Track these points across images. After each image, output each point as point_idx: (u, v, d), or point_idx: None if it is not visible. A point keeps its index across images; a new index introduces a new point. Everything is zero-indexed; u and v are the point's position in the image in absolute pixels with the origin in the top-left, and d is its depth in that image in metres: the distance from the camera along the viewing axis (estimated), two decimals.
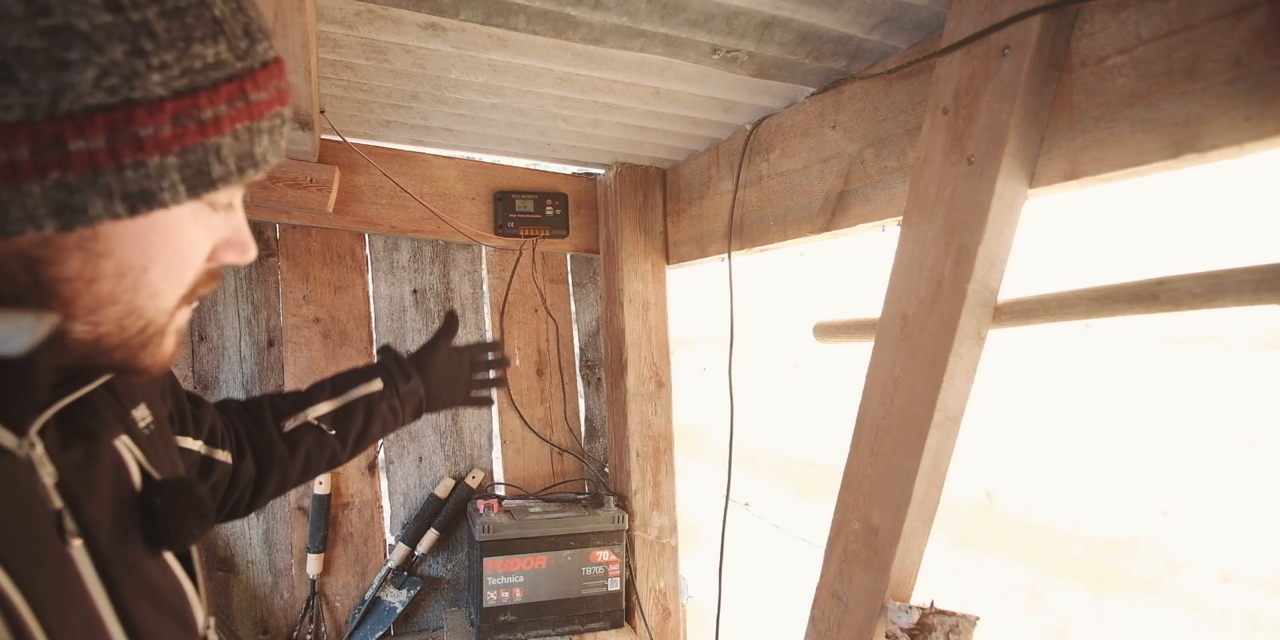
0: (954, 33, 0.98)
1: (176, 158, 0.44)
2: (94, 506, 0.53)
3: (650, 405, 1.95)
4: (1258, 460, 0.93)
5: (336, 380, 1.06)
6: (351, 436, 1.03)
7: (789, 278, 1.74)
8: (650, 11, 1.09)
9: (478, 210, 1.93)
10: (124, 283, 0.47)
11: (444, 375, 1.14)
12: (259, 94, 0.48)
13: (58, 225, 0.42)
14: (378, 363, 1.10)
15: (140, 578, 0.56)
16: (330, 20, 1.12)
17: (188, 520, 0.59)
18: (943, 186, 0.98)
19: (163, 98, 0.43)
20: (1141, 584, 1.03)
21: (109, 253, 0.46)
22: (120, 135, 0.41)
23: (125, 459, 0.60)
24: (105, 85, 0.40)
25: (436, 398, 1.13)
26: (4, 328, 0.42)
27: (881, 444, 1.05)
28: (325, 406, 1.02)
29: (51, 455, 0.51)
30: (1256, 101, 0.69)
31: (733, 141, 1.63)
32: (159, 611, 0.56)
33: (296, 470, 0.98)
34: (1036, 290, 0.93)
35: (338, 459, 1.03)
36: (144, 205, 0.44)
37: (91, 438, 0.56)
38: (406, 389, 1.08)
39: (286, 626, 1.78)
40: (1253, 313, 0.86)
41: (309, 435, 0.99)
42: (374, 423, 1.05)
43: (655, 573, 1.95)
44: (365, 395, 1.04)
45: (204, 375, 1.73)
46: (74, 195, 0.41)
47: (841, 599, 1.09)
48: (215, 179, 0.46)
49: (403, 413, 1.08)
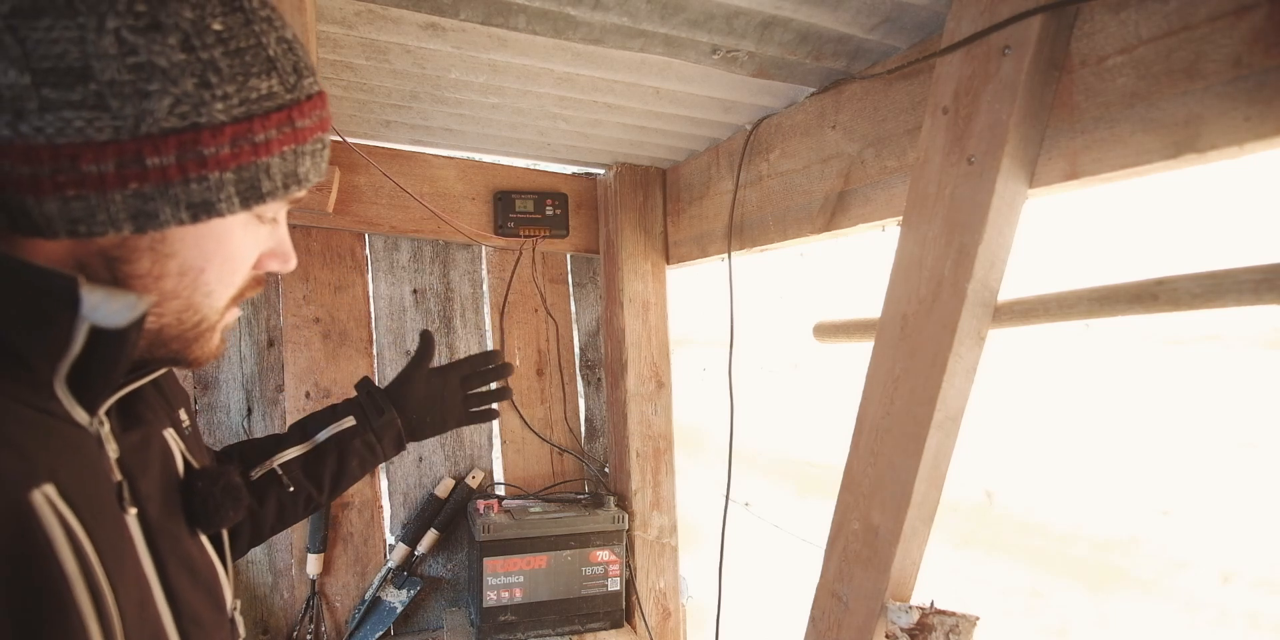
0: (954, 33, 0.98)
1: (233, 174, 0.52)
2: (146, 483, 0.60)
3: (650, 405, 1.95)
4: (1258, 460, 0.93)
5: (307, 422, 1.03)
6: (326, 478, 1.00)
7: (789, 278, 1.74)
8: (650, 11, 1.09)
9: (478, 210, 1.93)
10: (185, 281, 0.55)
11: (425, 401, 1.09)
12: (304, 121, 0.56)
13: (134, 228, 0.50)
14: (352, 399, 1.07)
15: (181, 551, 0.62)
16: (330, 20, 1.12)
17: (225, 503, 0.67)
18: (943, 186, 0.98)
19: (224, 123, 0.51)
20: (1141, 584, 1.03)
21: (174, 254, 0.54)
22: (188, 154, 0.50)
23: (172, 448, 0.68)
24: (178, 112, 0.49)
25: (420, 425, 1.09)
26: (115, 302, 0.49)
27: (881, 444, 1.05)
28: (295, 451, 0.99)
29: (114, 435, 0.58)
30: (1256, 101, 0.69)
31: (733, 141, 1.63)
32: (194, 584, 0.63)
33: (269, 519, 0.96)
34: (1036, 290, 0.93)
35: (315, 502, 1.00)
36: (205, 213, 0.52)
37: (145, 425, 0.64)
38: (380, 422, 1.04)
39: (286, 626, 1.78)
40: (1253, 313, 0.86)
41: (275, 485, 0.97)
42: (349, 461, 1.01)
43: (655, 573, 1.95)
44: (336, 434, 1.01)
45: (204, 375, 1.73)
46: (148, 203, 0.50)
47: (841, 599, 1.09)
48: (264, 193, 0.55)
49: (380, 447, 1.04)
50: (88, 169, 0.47)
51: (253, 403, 1.76)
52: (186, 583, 0.61)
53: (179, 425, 0.72)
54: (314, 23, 1.07)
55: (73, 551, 0.47)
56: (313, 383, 1.81)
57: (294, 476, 0.97)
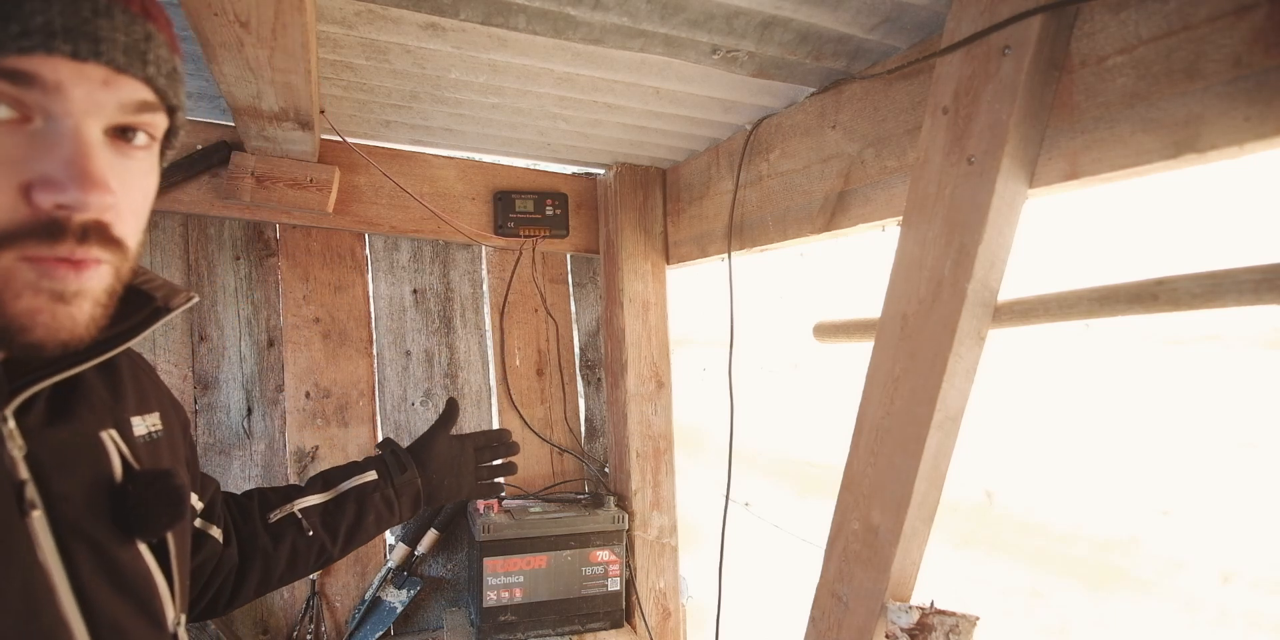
0: (954, 33, 0.98)
1: None
2: (64, 483, 0.55)
3: (650, 405, 1.95)
4: (1258, 460, 0.93)
5: (330, 473, 1.03)
6: (342, 529, 0.98)
7: (789, 278, 1.74)
8: (650, 11, 1.09)
9: (478, 210, 1.93)
10: None
11: (444, 465, 1.09)
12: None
13: None
14: (376, 455, 1.06)
15: (102, 558, 0.57)
16: (330, 20, 1.12)
17: (157, 509, 0.61)
18: (943, 186, 0.98)
19: None
20: (1141, 584, 1.03)
21: None
22: None
23: (108, 449, 0.62)
24: None
25: (438, 489, 1.08)
26: None
27: (881, 444, 1.05)
28: (315, 498, 0.98)
29: (29, 431, 0.54)
30: (1256, 101, 0.69)
31: (733, 141, 1.63)
32: (118, 595, 0.58)
33: (281, 564, 0.94)
34: (1036, 290, 0.93)
35: (328, 554, 0.98)
36: None
37: (77, 422, 0.60)
38: (402, 479, 1.03)
39: (286, 626, 1.78)
40: (1253, 313, 0.86)
41: (294, 528, 0.95)
42: (367, 515, 1.00)
43: (655, 573, 1.95)
44: (358, 486, 1.01)
45: (204, 375, 1.73)
46: None
47: (841, 599, 1.09)
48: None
49: (399, 505, 1.03)
50: None
51: (253, 403, 1.76)
52: (107, 594, 0.56)
53: (125, 428, 0.66)
54: (314, 23, 1.07)
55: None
56: (313, 383, 1.81)
57: (313, 522, 0.96)
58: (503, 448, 1.18)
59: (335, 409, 1.83)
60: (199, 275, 1.73)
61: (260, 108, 1.30)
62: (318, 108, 1.39)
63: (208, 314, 1.74)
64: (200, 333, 1.73)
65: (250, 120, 1.37)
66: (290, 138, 1.50)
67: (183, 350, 1.71)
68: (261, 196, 1.63)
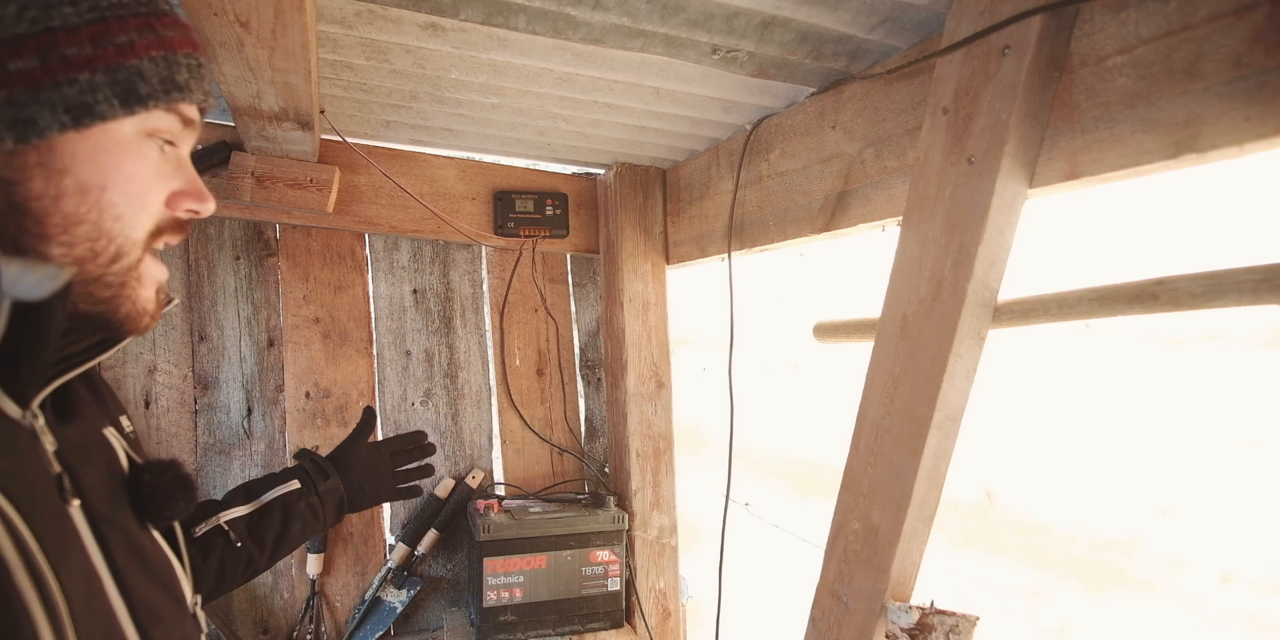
0: (954, 33, 0.98)
1: (104, 75, 0.54)
2: (88, 476, 0.59)
3: (650, 405, 1.95)
4: (1258, 460, 0.93)
5: (251, 485, 1.04)
6: (269, 539, 1.00)
7: (789, 278, 1.74)
8: (650, 11, 1.09)
9: (478, 210, 1.93)
10: (87, 201, 0.55)
11: (364, 471, 1.12)
12: (167, 32, 0.58)
13: (15, 138, 0.51)
14: (295, 466, 1.08)
15: (132, 544, 0.61)
16: (330, 20, 1.12)
17: (174, 495, 0.66)
18: (943, 186, 0.98)
19: (78, 25, 0.53)
20: (1141, 584, 1.03)
21: (66, 169, 0.54)
22: (51, 55, 0.51)
23: (113, 444, 0.67)
24: (27, 17, 0.51)
25: (360, 494, 1.11)
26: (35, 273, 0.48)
27: (881, 444, 1.05)
28: (240, 510, 0.99)
29: (50, 428, 0.57)
30: (1256, 101, 0.69)
31: (733, 141, 1.63)
32: (148, 577, 0.62)
33: (209, 577, 0.95)
34: (1036, 290, 0.93)
35: (255, 565, 0.99)
36: (85, 116, 0.53)
37: (83, 421, 0.63)
38: (325, 486, 1.05)
39: (286, 626, 1.78)
40: (1253, 313, 0.86)
41: (219, 540, 0.96)
42: (293, 524, 1.02)
43: (655, 573, 1.95)
44: (282, 496, 1.02)
45: (204, 375, 1.73)
46: (22, 110, 0.51)
47: (841, 599, 1.09)
48: (144, 96, 0.56)
49: (323, 511, 1.05)
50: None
51: (253, 403, 1.76)
52: (140, 576, 0.60)
53: (118, 425, 0.71)
54: (314, 23, 1.07)
55: (11, 539, 0.47)
56: (313, 383, 1.81)
57: (240, 533, 0.97)
58: (419, 450, 1.20)
59: (335, 409, 1.83)
60: (199, 275, 1.73)
61: (260, 108, 1.30)
62: (318, 108, 1.39)
63: (208, 314, 1.74)
64: (200, 333, 1.73)
65: (250, 120, 1.37)
66: (290, 138, 1.50)
67: (183, 350, 1.71)
68: (261, 196, 1.63)
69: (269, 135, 1.47)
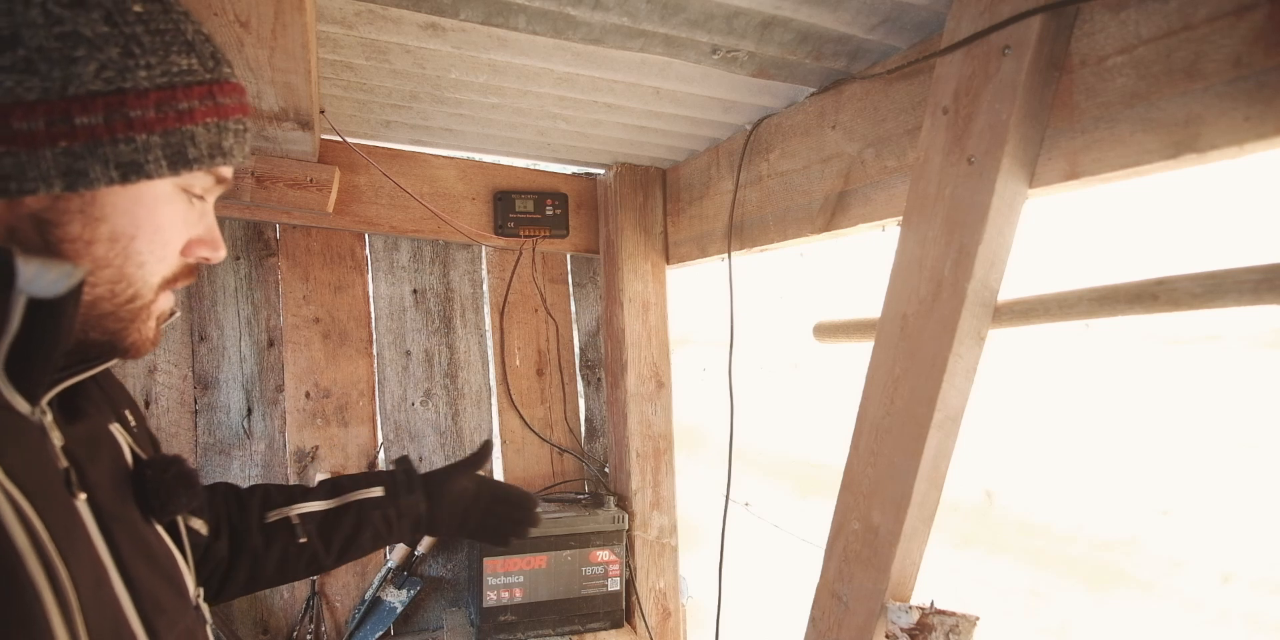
0: (954, 33, 0.98)
1: (160, 137, 0.56)
2: (94, 471, 0.61)
3: (650, 405, 1.94)
4: (1258, 460, 0.93)
5: (340, 480, 1.02)
6: (337, 541, 0.97)
7: (789, 278, 1.74)
8: (650, 11, 1.09)
9: (478, 210, 1.93)
10: (116, 248, 0.57)
11: (455, 500, 1.06)
12: (225, 99, 0.61)
13: (64, 185, 0.53)
14: (388, 471, 1.05)
15: (136, 537, 0.63)
16: (330, 20, 1.12)
17: (177, 490, 0.67)
18: (943, 186, 0.98)
19: (148, 89, 0.55)
20: (1141, 584, 1.03)
21: (104, 218, 0.56)
22: (115, 114, 0.54)
23: (119, 441, 0.68)
24: (104, 76, 0.53)
25: (439, 520, 1.05)
26: (51, 271, 0.51)
27: (881, 444, 1.05)
28: (317, 505, 0.98)
29: (58, 425, 0.59)
30: (1256, 101, 0.69)
31: (733, 141, 1.63)
32: (152, 570, 0.63)
33: (270, 565, 0.94)
34: (1036, 290, 0.93)
35: (320, 563, 0.97)
36: (134, 174, 0.55)
37: (88, 418, 0.65)
38: (406, 502, 1.01)
39: (286, 626, 1.78)
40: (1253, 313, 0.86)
41: (286, 533, 0.95)
42: (364, 531, 0.99)
43: (655, 573, 1.95)
44: (361, 500, 0.99)
45: (204, 375, 1.73)
46: (78, 161, 0.53)
47: (841, 599, 1.09)
48: (191, 160, 0.58)
49: (398, 526, 1.01)
50: (18, 126, 0.51)
51: (253, 403, 1.76)
52: (144, 568, 0.62)
53: (125, 422, 0.72)
54: (314, 23, 1.07)
55: (24, 529, 0.48)
56: (313, 383, 1.81)
57: (308, 529, 0.96)
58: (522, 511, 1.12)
59: (335, 409, 1.83)
60: (199, 275, 1.73)
61: (260, 108, 1.30)
62: (318, 108, 1.39)
63: (208, 314, 1.74)
64: (200, 333, 1.73)
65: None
66: (290, 138, 1.50)
67: (183, 350, 1.71)
68: (261, 196, 1.63)
69: (269, 135, 1.47)
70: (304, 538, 0.95)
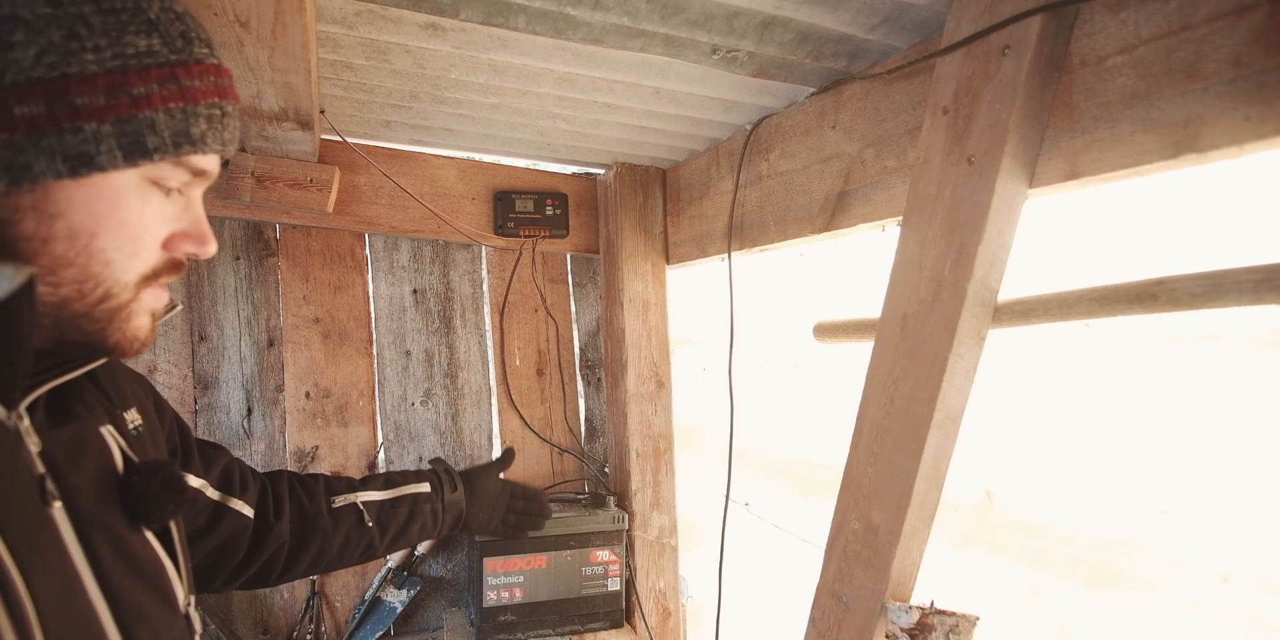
0: (954, 33, 0.98)
1: (112, 126, 0.52)
2: (76, 476, 0.59)
3: (650, 405, 1.95)
4: (1258, 460, 0.93)
5: (390, 475, 1.12)
6: (391, 529, 1.07)
7: (789, 278, 1.74)
8: (650, 11, 1.09)
9: (478, 210, 1.93)
10: (76, 245, 0.54)
11: (486, 498, 1.20)
12: (193, 82, 0.56)
13: (8, 181, 0.49)
14: (429, 469, 1.16)
15: (119, 546, 0.61)
16: (330, 20, 1.12)
17: (164, 497, 0.65)
18: (943, 186, 0.98)
19: (96, 74, 0.51)
20: (1141, 584, 1.03)
21: (59, 214, 0.52)
22: (59, 103, 0.50)
23: (109, 444, 0.66)
24: (45, 62, 0.49)
25: (475, 516, 1.18)
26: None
27: (881, 444, 1.05)
28: (377, 494, 1.07)
29: (38, 430, 0.57)
30: (1256, 101, 0.69)
31: (733, 141, 1.63)
32: (135, 578, 0.61)
33: (335, 548, 1.01)
34: (1036, 290, 0.93)
35: (374, 549, 1.06)
36: (84, 167, 0.51)
37: (78, 420, 0.63)
38: (451, 497, 1.13)
39: (286, 626, 1.78)
40: (1253, 313, 0.86)
41: (354, 517, 1.03)
42: (415, 522, 1.09)
43: (655, 573, 1.95)
44: (414, 494, 1.09)
45: (204, 375, 1.73)
46: (20, 155, 0.49)
47: (841, 599, 1.09)
48: (151, 149, 0.54)
49: (442, 520, 1.12)
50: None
51: (253, 403, 1.76)
52: (126, 579, 0.60)
53: (120, 423, 0.70)
54: (314, 23, 1.07)
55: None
56: (313, 383, 1.81)
57: (373, 516, 1.04)
58: (536, 505, 1.28)
59: (335, 409, 1.83)
60: (199, 275, 1.73)
61: (260, 108, 1.30)
62: (318, 108, 1.39)
63: (208, 314, 1.74)
64: (200, 333, 1.73)
65: (250, 120, 1.37)
66: (290, 138, 1.50)
67: (183, 350, 1.71)
68: (261, 196, 1.63)
69: (269, 135, 1.47)
70: (371, 522, 1.04)
